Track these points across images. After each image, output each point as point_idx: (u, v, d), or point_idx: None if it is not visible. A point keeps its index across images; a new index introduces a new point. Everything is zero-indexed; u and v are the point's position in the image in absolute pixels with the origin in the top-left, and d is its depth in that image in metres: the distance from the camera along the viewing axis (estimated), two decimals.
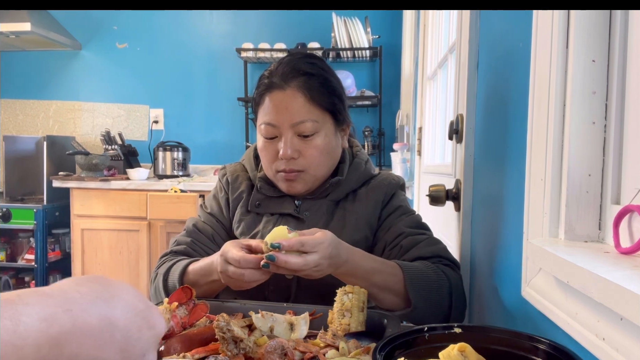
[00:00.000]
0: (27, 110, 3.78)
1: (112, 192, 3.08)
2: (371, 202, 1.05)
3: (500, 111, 0.95)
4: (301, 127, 0.98)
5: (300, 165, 1.00)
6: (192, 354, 0.67)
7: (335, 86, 1.03)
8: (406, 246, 0.97)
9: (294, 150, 0.98)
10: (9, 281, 3.27)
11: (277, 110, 0.98)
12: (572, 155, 0.62)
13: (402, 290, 0.88)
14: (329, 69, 1.04)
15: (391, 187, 1.07)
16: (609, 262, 0.51)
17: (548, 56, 0.65)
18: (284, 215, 1.06)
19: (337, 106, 1.02)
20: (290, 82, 0.98)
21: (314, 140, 0.99)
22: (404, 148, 2.75)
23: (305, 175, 1.02)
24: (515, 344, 0.56)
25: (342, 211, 1.06)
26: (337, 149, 1.05)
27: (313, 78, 0.99)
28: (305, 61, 1.02)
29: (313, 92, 0.98)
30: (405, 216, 1.04)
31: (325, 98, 1.00)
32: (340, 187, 1.06)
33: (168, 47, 3.63)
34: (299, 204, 1.06)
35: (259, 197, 1.08)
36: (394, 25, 3.42)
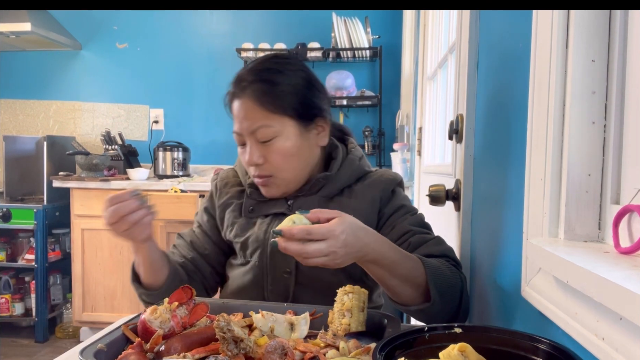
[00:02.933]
0: (27, 110, 3.78)
1: (112, 192, 3.07)
2: (368, 198, 1.05)
3: (500, 111, 0.95)
4: (258, 134, 0.99)
5: (267, 170, 1.01)
6: (192, 354, 0.67)
7: (293, 87, 1.00)
8: (414, 243, 0.97)
9: (257, 157, 1.00)
10: (9, 281, 3.27)
11: (238, 119, 1.00)
12: (572, 155, 0.62)
13: (423, 284, 0.87)
14: (289, 69, 1.02)
15: (389, 183, 1.07)
16: (609, 262, 0.51)
17: (548, 56, 0.65)
18: (278, 215, 1.06)
19: (297, 108, 1.00)
20: (245, 90, 0.99)
21: (274, 145, 0.99)
22: (404, 148, 2.75)
23: (275, 179, 1.02)
24: (515, 343, 0.56)
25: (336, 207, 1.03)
26: (306, 149, 1.03)
27: (265, 83, 0.99)
28: (262, 66, 1.02)
29: (264, 98, 0.98)
30: (410, 215, 1.04)
31: (279, 102, 0.98)
32: (332, 183, 1.06)
33: (168, 47, 3.63)
34: (291, 203, 1.07)
35: (251, 203, 1.09)
36: (394, 25, 3.42)
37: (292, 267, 1.03)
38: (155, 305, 0.77)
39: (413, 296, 0.88)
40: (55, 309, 3.36)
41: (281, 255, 1.00)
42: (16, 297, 3.27)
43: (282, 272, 1.03)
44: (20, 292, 3.30)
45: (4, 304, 3.23)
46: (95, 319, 3.15)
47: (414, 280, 0.86)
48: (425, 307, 0.87)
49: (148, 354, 0.70)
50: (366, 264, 0.82)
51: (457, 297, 0.90)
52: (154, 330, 0.73)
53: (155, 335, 0.71)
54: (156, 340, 0.71)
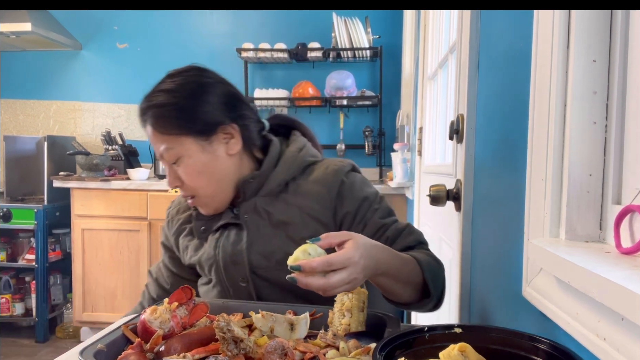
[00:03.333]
0: (27, 110, 3.79)
1: (112, 192, 3.08)
2: (314, 195, 1.02)
3: (500, 111, 0.94)
4: (165, 158, 1.00)
5: (188, 190, 1.02)
6: (192, 354, 0.67)
7: (180, 104, 0.98)
8: (391, 237, 0.99)
9: (174, 179, 1.01)
10: (9, 281, 3.27)
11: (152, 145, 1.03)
12: (573, 155, 0.61)
13: (420, 282, 0.90)
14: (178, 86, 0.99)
15: (335, 176, 1.02)
16: (610, 262, 0.51)
17: (549, 56, 0.65)
18: (226, 226, 1.05)
19: (188, 125, 0.97)
20: (144, 117, 1.01)
21: (180, 166, 0.99)
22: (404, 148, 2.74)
23: (199, 198, 1.03)
24: (515, 344, 0.56)
25: (283, 204, 1.03)
26: (215, 162, 1.00)
27: (156, 108, 0.99)
28: (154, 90, 1.01)
29: (158, 123, 0.98)
30: (377, 205, 1.02)
31: (167, 123, 0.98)
32: (270, 180, 1.03)
33: (168, 47, 3.63)
34: (237, 211, 1.05)
35: (201, 223, 1.08)
36: (394, 25, 3.42)
37: (246, 274, 1.02)
38: (155, 306, 0.77)
39: (412, 295, 0.90)
40: (56, 309, 3.36)
41: (232, 266, 1.02)
42: (16, 297, 3.27)
43: (239, 282, 1.03)
44: (20, 292, 3.30)
45: (4, 304, 3.23)
46: (96, 319, 3.15)
47: (413, 281, 0.89)
48: (425, 302, 0.91)
49: (148, 354, 0.70)
50: (376, 277, 0.81)
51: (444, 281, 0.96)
52: (154, 331, 0.73)
53: (155, 335, 0.71)
54: (156, 341, 0.71)
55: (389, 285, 0.85)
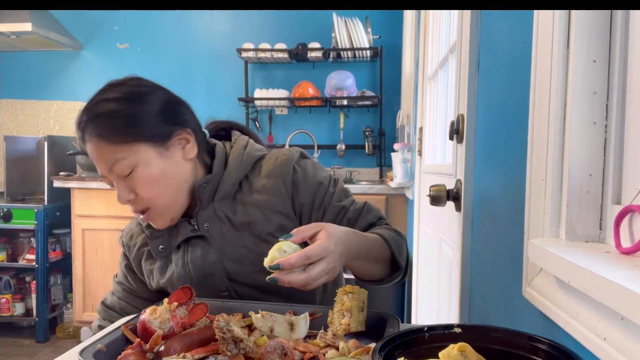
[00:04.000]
0: (27, 110, 3.79)
1: (112, 192, 3.06)
2: (271, 190, 1.00)
3: (501, 111, 0.94)
4: (116, 170, 0.92)
5: (143, 203, 0.95)
6: (192, 354, 0.67)
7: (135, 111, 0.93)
8: (352, 218, 1.00)
9: (127, 193, 0.94)
10: (10, 281, 3.27)
11: (95, 162, 0.95)
12: (573, 156, 0.61)
13: (388, 258, 0.93)
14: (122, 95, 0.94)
15: (285, 165, 1.01)
16: (610, 262, 0.51)
17: (549, 56, 0.65)
18: (187, 240, 1.01)
19: (142, 132, 0.93)
20: (86, 130, 0.93)
21: (135, 176, 0.93)
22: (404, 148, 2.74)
23: (154, 210, 0.96)
24: (515, 344, 0.56)
25: (242, 206, 1.01)
26: (173, 167, 0.97)
27: (102, 117, 0.92)
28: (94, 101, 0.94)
29: (108, 133, 0.91)
30: (332, 189, 1.02)
31: (119, 131, 0.92)
32: (223, 183, 1.00)
33: (168, 48, 3.63)
34: (195, 221, 1.01)
35: (158, 242, 1.03)
36: (394, 25, 3.42)
37: (224, 284, 1.00)
38: (155, 306, 0.77)
39: (383, 271, 0.93)
40: (56, 309, 3.36)
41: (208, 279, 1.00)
42: (17, 297, 3.27)
43: (220, 293, 1.01)
44: (21, 292, 3.30)
45: (4, 304, 3.23)
46: None
47: (382, 258, 0.92)
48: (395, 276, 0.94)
49: (148, 354, 0.70)
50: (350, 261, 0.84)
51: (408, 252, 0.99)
52: (154, 331, 0.73)
53: (155, 335, 0.71)
54: (156, 341, 0.71)
55: (362, 267, 0.88)
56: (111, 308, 1.12)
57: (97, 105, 0.94)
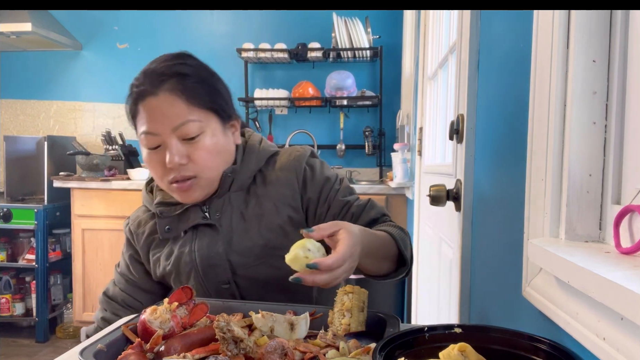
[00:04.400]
0: (27, 110, 3.79)
1: (112, 192, 3.09)
2: (284, 182, 1.02)
3: (500, 111, 0.95)
4: (184, 130, 0.92)
5: (192, 170, 0.94)
6: (192, 354, 0.67)
7: (214, 83, 0.98)
8: (356, 213, 1.01)
9: (181, 156, 0.92)
10: (10, 281, 3.27)
11: (154, 118, 0.92)
12: (573, 155, 0.62)
13: (395, 254, 0.93)
14: (204, 67, 1.00)
15: (299, 160, 1.04)
16: (610, 262, 0.51)
17: (549, 56, 0.65)
18: (197, 227, 1.02)
19: (219, 103, 0.97)
20: (163, 86, 0.92)
21: (200, 141, 0.93)
22: (404, 148, 2.74)
23: (199, 180, 0.96)
24: (515, 344, 0.56)
25: (255, 197, 1.02)
26: (228, 147, 1.00)
27: (187, 78, 0.94)
28: (176, 62, 0.97)
29: (189, 92, 0.93)
30: (338, 186, 1.05)
31: (204, 96, 0.95)
32: (240, 174, 1.02)
33: (169, 47, 3.58)
34: (207, 209, 1.02)
35: (165, 222, 1.03)
36: (394, 25, 3.42)
37: (227, 276, 1.00)
38: (155, 306, 0.77)
39: (389, 267, 0.94)
40: (56, 309, 3.36)
41: (212, 269, 1.00)
42: (17, 297, 3.27)
43: (221, 285, 1.01)
44: (20, 292, 3.30)
45: (4, 304, 3.23)
46: None
47: (390, 255, 0.92)
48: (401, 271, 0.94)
49: (148, 354, 0.70)
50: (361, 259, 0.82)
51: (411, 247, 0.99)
52: (154, 331, 0.73)
53: (155, 335, 0.71)
54: (156, 341, 0.71)
55: (371, 264, 0.88)
56: (113, 299, 1.11)
57: (181, 66, 0.96)
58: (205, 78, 0.97)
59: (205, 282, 1.01)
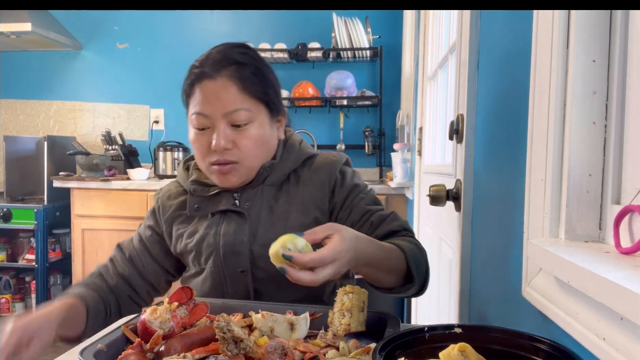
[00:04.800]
0: (27, 110, 3.79)
1: (112, 192, 3.08)
2: (316, 184, 1.05)
3: (500, 111, 0.95)
4: (234, 117, 0.96)
5: (235, 156, 0.98)
6: (192, 354, 0.67)
7: (268, 76, 1.02)
8: (375, 223, 1.00)
9: (227, 141, 0.96)
10: (10, 281, 3.27)
11: (209, 100, 0.96)
12: (573, 155, 0.62)
13: (404, 270, 0.91)
14: (261, 59, 1.03)
15: (334, 165, 1.06)
16: (610, 262, 0.51)
17: (548, 56, 0.65)
18: (226, 212, 1.04)
19: (270, 96, 1.01)
20: (222, 71, 0.97)
21: (248, 130, 0.97)
22: (404, 148, 2.74)
23: (240, 167, 0.99)
24: (515, 344, 0.56)
25: (286, 195, 1.05)
26: (272, 140, 1.04)
27: (245, 67, 0.98)
28: (237, 51, 1.01)
29: (245, 82, 0.97)
30: (364, 194, 1.05)
31: (259, 87, 0.98)
32: (277, 170, 1.05)
33: (168, 47, 3.63)
34: (238, 196, 1.04)
35: (196, 201, 1.05)
36: (394, 25, 3.42)
37: (246, 265, 1.01)
38: (155, 306, 0.77)
39: (395, 281, 0.91)
40: None
41: (233, 256, 1.01)
42: (17, 297, 3.27)
43: (239, 272, 1.02)
44: (20, 292, 3.30)
45: (4, 304, 3.23)
46: None
47: (397, 269, 0.90)
48: (408, 287, 0.92)
49: (148, 354, 0.70)
50: (359, 267, 0.83)
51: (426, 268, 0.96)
52: (154, 331, 0.73)
53: (155, 335, 0.71)
54: (156, 341, 0.71)
55: (372, 274, 0.87)
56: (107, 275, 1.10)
57: (242, 55, 1.00)
58: (262, 70, 1.01)
59: (223, 267, 1.02)
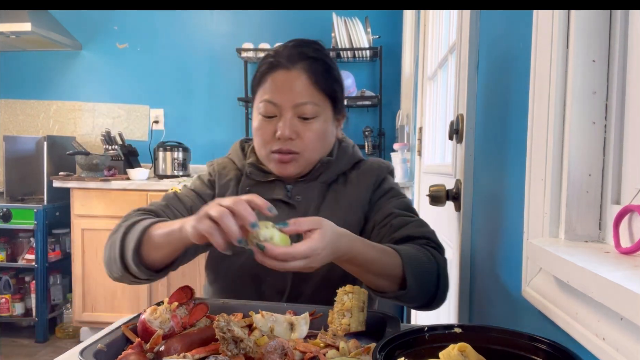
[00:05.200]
0: (27, 110, 3.78)
1: (112, 192, 3.08)
2: (362, 185, 1.07)
3: (500, 111, 0.95)
4: (303, 109, 0.99)
5: (297, 147, 1.00)
6: (192, 354, 0.67)
7: (337, 75, 1.06)
8: (396, 225, 0.98)
9: (292, 131, 0.99)
10: (9, 281, 3.27)
11: (280, 90, 0.99)
12: (573, 155, 0.62)
13: (399, 275, 0.86)
14: (331, 58, 1.06)
15: (382, 170, 1.10)
16: (609, 262, 0.51)
17: (548, 56, 0.65)
18: (275, 201, 1.03)
19: (337, 94, 1.04)
20: (296, 64, 1.00)
21: (313, 123, 1.00)
22: (404, 148, 2.75)
23: (300, 158, 1.02)
24: (515, 343, 0.56)
25: (333, 193, 1.07)
26: (331, 137, 1.07)
27: (318, 62, 1.01)
28: (312, 46, 1.04)
29: (318, 76, 1.00)
30: (396, 199, 1.06)
31: (329, 84, 1.02)
32: (331, 169, 1.07)
33: (168, 47, 3.63)
34: (290, 188, 1.06)
35: (249, 183, 1.08)
36: (394, 25, 3.42)
37: None
38: (155, 306, 0.77)
39: (388, 286, 0.87)
40: (56, 309, 3.36)
41: None
42: (16, 297, 3.27)
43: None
44: (20, 292, 3.30)
45: (4, 304, 3.23)
46: (95, 319, 3.15)
47: (390, 273, 0.86)
48: (400, 294, 0.86)
49: (148, 354, 0.70)
50: (341, 263, 0.82)
51: (434, 281, 0.90)
52: (154, 330, 0.73)
53: (155, 335, 0.71)
54: (156, 340, 0.71)
55: (359, 274, 0.85)
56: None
57: (316, 51, 1.03)
58: (332, 68, 1.04)
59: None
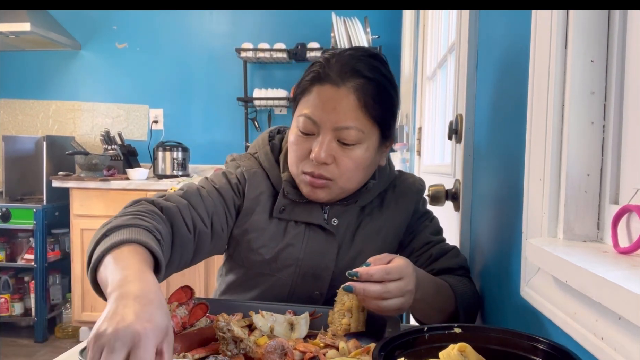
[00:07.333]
0: (26, 110, 3.78)
1: (111, 192, 3.08)
2: (401, 209, 1.00)
3: (499, 111, 0.95)
4: (344, 133, 0.86)
5: (331, 173, 0.89)
6: (192, 354, 0.67)
7: (393, 97, 0.91)
8: (435, 255, 0.97)
9: (328, 155, 0.87)
10: (9, 281, 3.27)
11: (324, 107, 0.86)
12: (571, 156, 0.62)
13: (452, 309, 0.89)
14: (389, 78, 0.91)
15: (419, 194, 1.04)
16: (608, 262, 0.51)
17: (547, 56, 0.65)
18: (312, 226, 0.96)
19: (387, 120, 0.91)
20: (347, 81, 0.86)
21: (353, 150, 0.88)
22: (403, 148, 2.75)
23: (333, 185, 0.90)
24: (514, 343, 0.56)
25: (368, 218, 0.99)
26: (373, 165, 0.94)
27: (372, 83, 0.87)
28: (368, 62, 0.89)
29: (368, 99, 0.86)
30: (429, 222, 1.03)
31: (379, 108, 0.88)
32: (368, 192, 0.98)
33: (168, 47, 3.63)
34: (327, 209, 0.97)
35: (284, 203, 0.95)
36: (393, 25, 3.42)
37: (324, 289, 0.97)
38: None
39: (440, 319, 0.89)
40: (55, 309, 3.36)
41: (313, 278, 0.96)
42: (15, 297, 3.27)
43: (312, 293, 0.97)
44: (19, 292, 3.30)
45: (3, 304, 3.23)
46: (95, 319, 3.13)
47: (446, 309, 0.89)
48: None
49: None
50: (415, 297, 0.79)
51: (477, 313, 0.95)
52: None
53: None
54: None
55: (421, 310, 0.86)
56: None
57: (373, 70, 0.88)
58: (387, 90, 0.89)
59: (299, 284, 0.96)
